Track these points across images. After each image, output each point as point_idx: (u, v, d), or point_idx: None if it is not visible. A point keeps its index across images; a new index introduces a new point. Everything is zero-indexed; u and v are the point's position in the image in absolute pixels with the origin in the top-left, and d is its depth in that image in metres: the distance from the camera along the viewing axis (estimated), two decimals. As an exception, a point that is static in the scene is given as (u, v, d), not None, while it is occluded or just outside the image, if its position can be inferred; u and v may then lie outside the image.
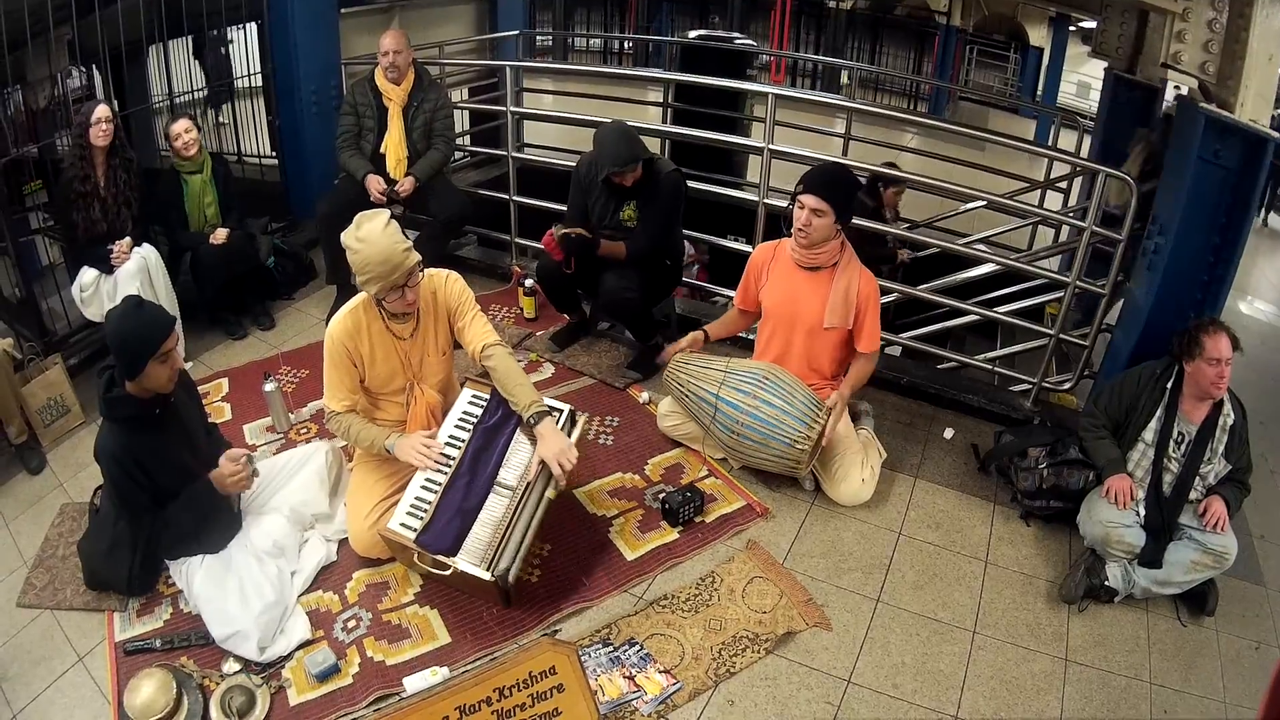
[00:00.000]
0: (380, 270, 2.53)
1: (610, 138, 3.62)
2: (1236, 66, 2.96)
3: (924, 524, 3.25)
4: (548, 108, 7.90)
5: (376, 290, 2.59)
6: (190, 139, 4.01)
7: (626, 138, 3.63)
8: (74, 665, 2.57)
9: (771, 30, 12.10)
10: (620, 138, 3.62)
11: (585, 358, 4.15)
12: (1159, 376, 3.01)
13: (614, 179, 3.67)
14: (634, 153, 3.60)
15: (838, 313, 3.15)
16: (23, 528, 3.12)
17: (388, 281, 2.56)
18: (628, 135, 3.65)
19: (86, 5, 4.08)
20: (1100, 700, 2.61)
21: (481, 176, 6.39)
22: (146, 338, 2.44)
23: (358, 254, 2.53)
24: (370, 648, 2.60)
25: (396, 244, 2.54)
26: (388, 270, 2.53)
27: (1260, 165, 3.04)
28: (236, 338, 4.31)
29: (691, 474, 3.38)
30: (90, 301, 3.84)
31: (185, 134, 4.00)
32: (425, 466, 2.72)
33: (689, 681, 2.52)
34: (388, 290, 2.59)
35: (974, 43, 12.70)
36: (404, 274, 2.58)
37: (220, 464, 2.65)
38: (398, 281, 2.58)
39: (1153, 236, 3.42)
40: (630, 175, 3.65)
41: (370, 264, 2.52)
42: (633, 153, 3.60)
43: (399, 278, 2.57)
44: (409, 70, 4.39)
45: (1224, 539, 2.85)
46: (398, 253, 2.54)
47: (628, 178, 3.65)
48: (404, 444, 2.74)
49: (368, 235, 2.53)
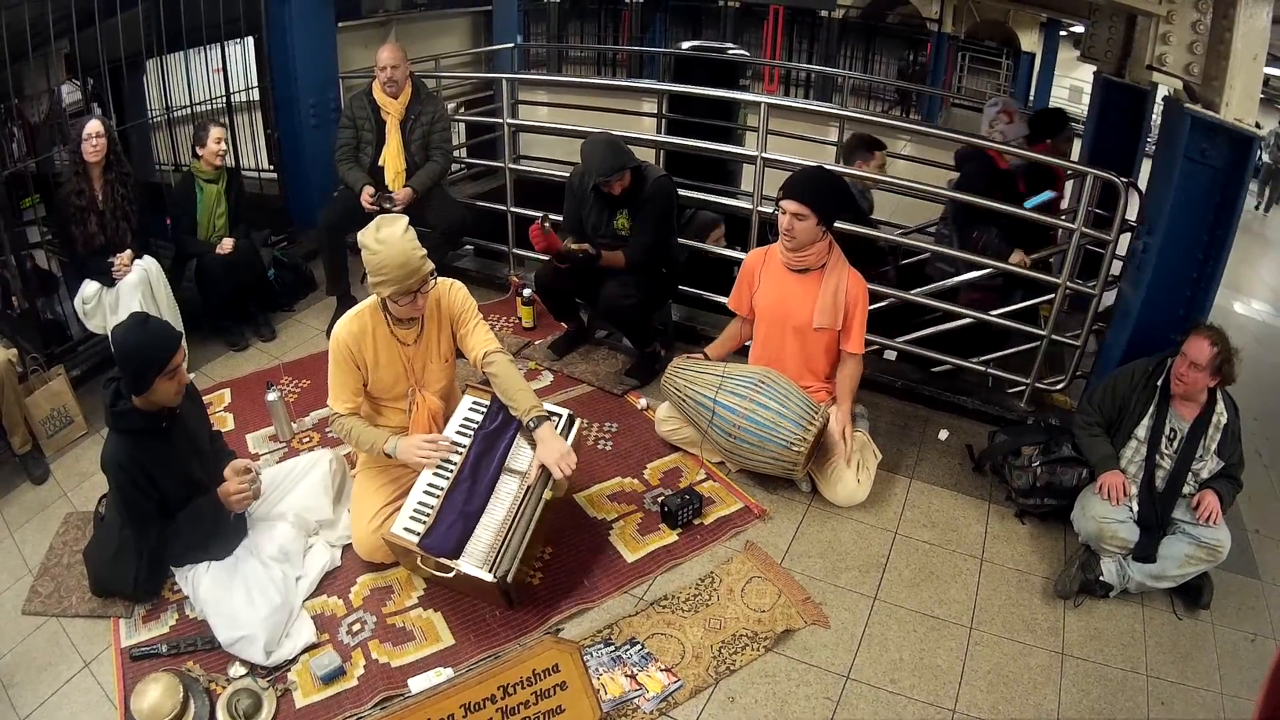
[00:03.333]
0: (396, 274, 2.57)
1: (596, 149, 3.68)
2: (1221, 67, 3.00)
3: (920, 523, 3.28)
4: (543, 119, 7.95)
5: (390, 293, 2.62)
6: (223, 149, 4.11)
7: (612, 147, 3.68)
8: (80, 671, 2.59)
9: (765, 40, 12.19)
10: (605, 147, 3.67)
11: (583, 365, 4.19)
12: (1150, 374, 3.05)
13: (603, 189, 3.72)
14: (620, 161, 3.65)
15: (827, 313, 3.20)
16: (27, 536, 3.14)
17: (402, 285, 2.59)
18: (613, 145, 3.70)
19: (85, 19, 4.13)
20: (1097, 694, 2.64)
21: (479, 188, 6.42)
22: (153, 354, 2.45)
23: (376, 255, 2.57)
24: (375, 650, 2.62)
25: (415, 250, 2.59)
26: (404, 274, 2.58)
27: (1246, 164, 3.08)
28: (238, 349, 4.34)
29: (690, 477, 3.41)
30: (93, 314, 3.87)
31: (219, 144, 4.10)
32: (429, 464, 2.75)
33: (690, 679, 2.54)
34: (400, 294, 2.62)
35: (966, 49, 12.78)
36: (419, 279, 2.62)
37: (226, 477, 2.67)
38: (411, 287, 2.62)
39: (1141, 236, 3.47)
40: (618, 183, 3.69)
41: (387, 266, 2.56)
42: (619, 161, 3.64)
43: (414, 283, 2.61)
44: (406, 83, 4.44)
45: (1217, 532, 2.88)
46: (415, 258, 2.59)
47: (615, 186, 3.70)
48: (405, 445, 2.77)
49: (388, 238, 2.57)
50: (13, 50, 3.88)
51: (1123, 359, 3.35)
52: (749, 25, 13.75)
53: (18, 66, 4.07)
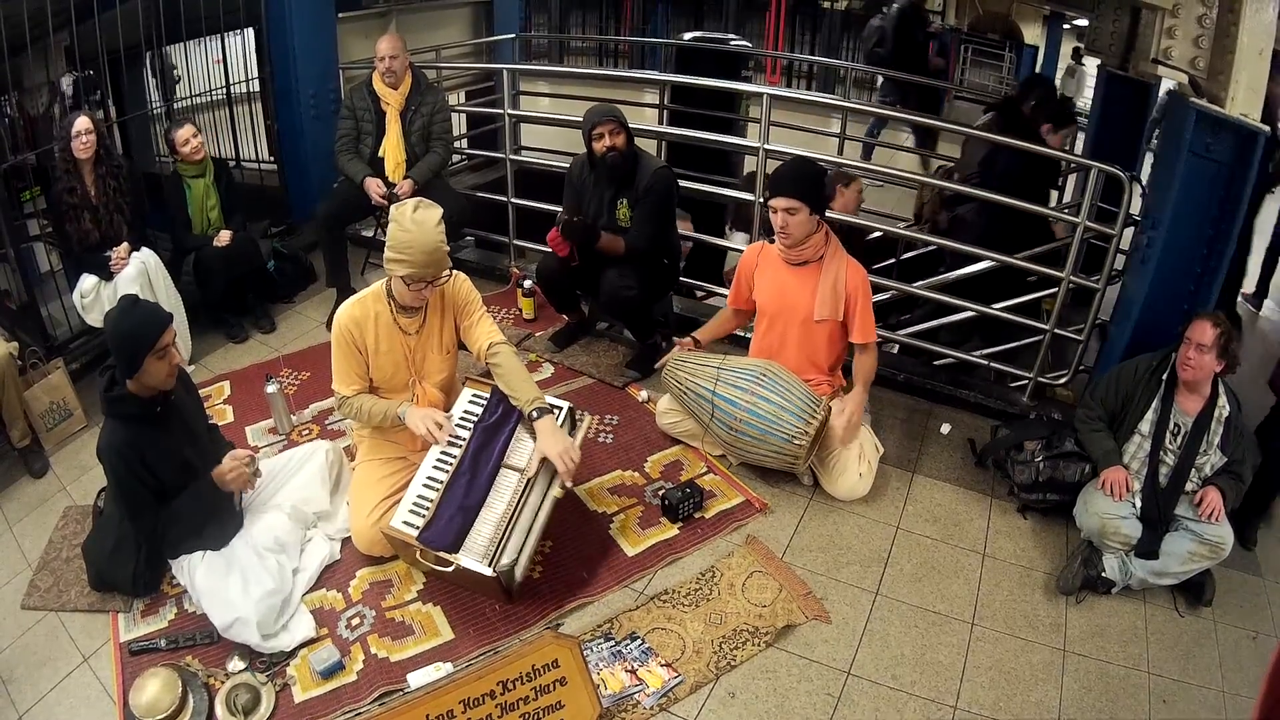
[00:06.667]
0: (419, 259, 2.58)
1: (593, 108, 3.76)
2: (1227, 61, 2.98)
3: (922, 518, 3.27)
4: (544, 110, 7.92)
5: (404, 273, 2.62)
6: (197, 144, 4.07)
7: (608, 106, 3.76)
8: (79, 666, 2.59)
9: (767, 31, 12.12)
10: (600, 105, 3.77)
11: (584, 357, 4.18)
12: (1154, 369, 3.03)
13: (595, 141, 3.69)
14: (614, 110, 3.69)
15: (827, 305, 3.18)
16: (27, 530, 3.14)
17: (419, 271, 2.61)
18: (609, 105, 3.78)
19: (84, 11, 4.10)
20: (1099, 690, 2.63)
21: (479, 179, 6.40)
22: (143, 334, 2.47)
23: (406, 234, 2.57)
24: (374, 644, 2.62)
25: (442, 242, 2.61)
26: (425, 261, 2.59)
27: (1252, 159, 3.06)
28: (237, 341, 4.33)
29: (691, 471, 3.40)
30: (91, 308, 3.86)
31: (193, 139, 4.05)
32: (436, 440, 2.75)
33: (690, 674, 2.54)
34: (414, 279, 2.63)
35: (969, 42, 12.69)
36: (435, 271, 2.64)
37: (223, 462, 2.68)
38: (426, 276, 2.63)
39: (1145, 231, 3.45)
40: (610, 133, 3.66)
41: (412, 249, 2.57)
42: (613, 110, 3.69)
43: (430, 273, 2.62)
44: (406, 74, 4.42)
45: (1220, 529, 2.87)
46: (441, 251, 2.61)
47: (606, 135, 3.66)
48: (416, 414, 2.79)
49: (423, 221, 2.58)
50: (12, 43, 3.86)
51: (1126, 354, 3.34)
52: (751, 16, 13.67)
53: (17, 59, 4.05)
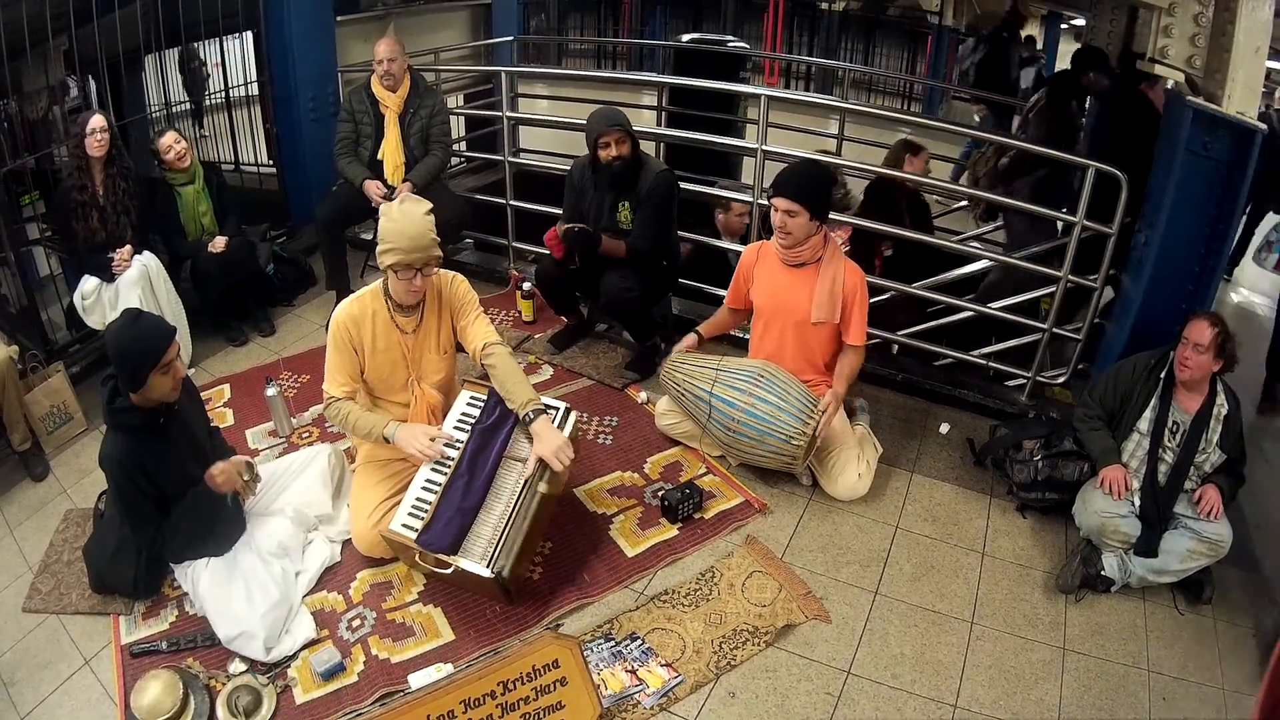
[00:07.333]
0: (404, 244, 2.61)
1: (597, 113, 3.77)
2: (1223, 59, 2.99)
3: (921, 517, 3.27)
4: (543, 112, 7.92)
5: (392, 262, 2.64)
6: (181, 150, 4.05)
7: (612, 109, 3.79)
8: (80, 669, 2.59)
9: (765, 32, 12.14)
10: (605, 109, 3.79)
11: (584, 359, 4.18)
12: (1153, 367, 3.03)
13: (601, 151, 3.69)
14: (619, 118, 3.70)
15: (824, 307, 3.18)
16: (27, 534, 3.14)
17: (406, 258, 2.62)
18: (613, 109, 3.80)
19: (84, 15, 4.11)
20: (1099, 688, 2.63)
21: (478, 181, 6.40)
22: (146, 350, 2.45)
23: (393, 223, 2.62)
24: (375, 646, 2.62)
25: (429, 230, 2.65)
26: (410, 247, 2.61)
27: (1249, 157, 3.06)
28: (237, 344, 4.33)
29: (690, 471, 3.41)
30: (92, 310, 3.87)
31: (176, 145, 4.04)
32: (427, 458, 2.74)
33: (690, 674, 2.54)
34: (401, 267, 2.65)
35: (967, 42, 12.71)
36: (423, 258, 2.65)
37: (214, 465, 2.66)
38: (414, 263, 2.64)
39: (1142, 230, 3.45)
40: (615, 142, 3.67)
41: (399, 236, 2.61)
42: (618, 117, 3.70)
43: (417, 259, 2.64)
44: (405, 77, 4.43)
45: (1219, 527, 2.87)
46: (427, 237, 2.64)
47: (613, 145, 3.67)
48: (406, 433, 2.76)
49: (408, 211, 2.64)
50: (11, 47, 3.87)
51: (1124, 352, 3.34)
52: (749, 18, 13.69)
53: (16, 63, 4.05)
